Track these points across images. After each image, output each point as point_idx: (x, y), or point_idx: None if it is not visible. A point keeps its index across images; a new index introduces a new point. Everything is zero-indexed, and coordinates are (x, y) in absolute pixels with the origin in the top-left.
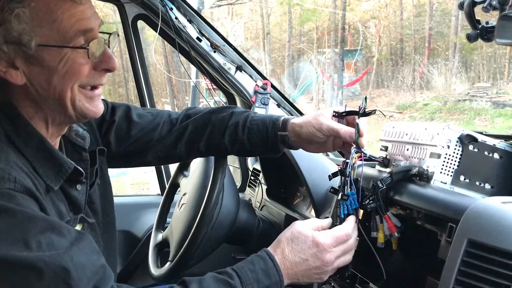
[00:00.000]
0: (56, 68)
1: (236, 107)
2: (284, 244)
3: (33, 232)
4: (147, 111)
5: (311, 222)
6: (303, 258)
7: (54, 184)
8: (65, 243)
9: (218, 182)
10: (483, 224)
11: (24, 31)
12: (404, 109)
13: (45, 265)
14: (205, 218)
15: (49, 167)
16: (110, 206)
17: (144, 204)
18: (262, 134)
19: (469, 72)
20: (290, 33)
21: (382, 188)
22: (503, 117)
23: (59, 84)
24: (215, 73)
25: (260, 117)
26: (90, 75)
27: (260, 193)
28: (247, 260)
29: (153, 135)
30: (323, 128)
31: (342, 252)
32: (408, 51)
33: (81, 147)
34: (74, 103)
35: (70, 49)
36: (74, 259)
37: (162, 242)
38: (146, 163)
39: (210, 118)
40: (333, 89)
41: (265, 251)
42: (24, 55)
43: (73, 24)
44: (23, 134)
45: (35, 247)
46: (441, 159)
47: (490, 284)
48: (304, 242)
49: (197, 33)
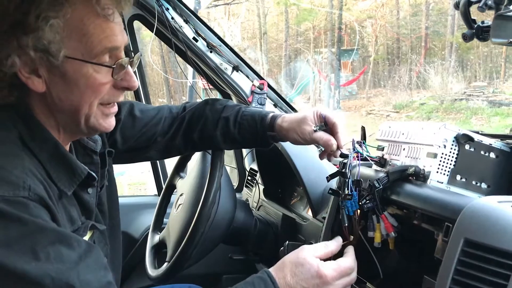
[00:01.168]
0: (78, 82)
1: (229, 100)
2: (288, 268)
3: (43, 243)
4: (149, 107)
5: (319, 249)
6: (304, 287)
7: (68, 189)
8: (74, 256)
9: (215, 182)
10: (480, 223)
11: (54, 41)
12: (401, 108)
13: (52, 280)
14: (202, 218)
15: (63, 172)
16: (116, 208)
17: (141, 204)
18: (252, 130)
19: (465, 72)
20: (287, 32)
21: (379, 188)
22: (499, 116)
23: (77, 98)
24: (211, 73)
25: (250, 113)
26: (110, 93)
27: (257, 193)
28: (248, 282)
29: (156, 130)
30: (306, 137)
31: (344, 285)
32: (405, 50)
33: (93, 150)
34: (89, 119)
35: (94, 65)
36: (80, 276)
37: (159, 243)
38: (148, 158)
39: (205, 110)
40: (330, 89)
41: (266, 272)
42: (49, 64)
43: (102, 40)
44: (38, 139)
45: (43, 258)
46: (437, 159)
47: (487, 283)
48: (308, 271)
49: (194, 33)
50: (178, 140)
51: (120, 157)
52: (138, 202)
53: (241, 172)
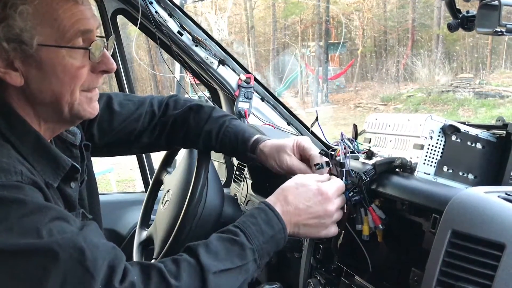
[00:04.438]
0: (55, 70)
1: (215, 108)
2: (287, 191)
3: (43, 221)
4: (129, 99)
5: (312, 175)
6: (307, 205)
7: (53, 181)
8: (74, 228)
9: (201, 177)
10: (467, 214)
11: (26, 28)
12: (389, 101)
13: (59, 246)
14: (189, 214)
15: (46, 164)
16: (96, 203)
17: (128, 201)
18: (232, 148)
19: (452, 63)
20: (275, 26)
21: (366, 180)
22: (486, 107)
23: (57, 87)
24: (197, 68)
25: (234, 130)
26: (89, 78)
27: (245, 188)
28: (248, 214)
29: (136, 125)
30: (284, 166)
31: (340, 205)
32: (392, 43)
33: (72, 143)
34: (73, 107)
35: (69, 49)
36: (87, 239)
37: (147, 239)
38: (129, 152)
39: (188, 118)
40: (318, 83)
41: (263, 203)
42: (23, 55)
43: (73, 24)
44: (19, 132)
45: (46, 235)
46: (424, 150)
47: (475, 274)
48: (309, 190)
49: (178, 27)
50: (162, 140)
51: (100, 151)
52: (125, 199)
53: (229, 167)
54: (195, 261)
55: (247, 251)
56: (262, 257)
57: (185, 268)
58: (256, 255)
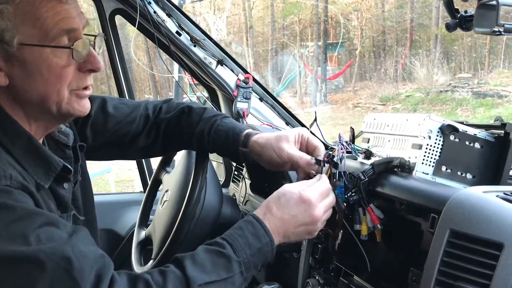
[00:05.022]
0: (39, 69)
1: (206, 109)
2: (271, 204)
3: (31, 227)
4: (124, 103)
5: (297, 183)
6: (292, 215)
7: (45, 182)
8: (64, 234)
9: (200, 178)
10: (465, 214)
11: (7, 28)
12: (387, 101)
13: (46, 256)
14: (187, 215)
15: (38, 165)
16: (91, 204)
17: (126, 201)
18: (224, 146)
19: (450, 63)
20: (273, 26)
21: (364, 180)
22: (484, 107)
23: (43, 87)
24: (195, 68)
25: (225, 128)
26: (77, 77)
27: (244, 188)
28: (235, 227)
29: (130, 128)
30: (283, 155)
31: (327, 206)
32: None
33: (65, 144)
34: (61, 106)
35: (52, 48)
36: (75, 248)
37: (145, 239)
38: (124, 157)
39: (180, 121)
40: (316, 83)
41: (251, 215)
42: (5, 54)
43: (57, 23)
44: (11, 133)
45: (34, 242)
46: (422, 150)
47: (473, 274)
48: (291, 198)
49: (177, 27)
50: (158, 145)
51: (95, 154)
52: (124, 199)
53: (228, 167)
54: (182, 273)
55: (234, 264)
56: (249, 270)
57: (171, 280)
58: (242, 267)
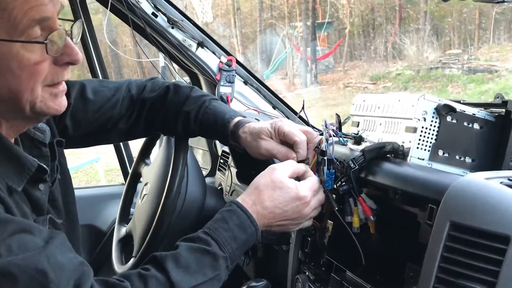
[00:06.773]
0: (9, 66)
1: (193, 88)
2: (264, 193)
3: (1, 236)
4: (104, 85)
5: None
6: (284, 210)
7: (17, 185)
8: (39, 242)
9: (179, 169)
10: (467, 204)
11: None
12: (378, 79)
13: (19, 269)
14: (167, 209)
15: (10, 167)
16: (72, 202)
17: (107, 195)
18: (212, 130)
19: (440, 40)
20: (261, 7)
21: (355, 168)
22: (475, 83)
23: (14, 85)
24: (174, 51)
25: (213, 112)
26: (52, 72)
27: (230, 177)
28: (219, 219)
29: (113, 113)
30: (263, 152)
31: (318, 203)
32: (380, 21)
33: (41, 141)
34: (34, 105)
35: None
36: (50, 259)
37: (126, 236)
38: (107, 141)
39: (165, 100)
40: (306, 64)
41: (234, 203)
42: None
43: (26, 13)
44: None
45: (4, 253)
46: (417, 133)
47: (478, 270)
48: (288, 194)
49: (153, 8)
50: (140, 126)
51: (77, 142)
52: (105, 192)
53: (214, 155)
54: (165, 278)
55: (220, 261)
56: (234, 261)
57: (153, 286)
58: (228, 262)
